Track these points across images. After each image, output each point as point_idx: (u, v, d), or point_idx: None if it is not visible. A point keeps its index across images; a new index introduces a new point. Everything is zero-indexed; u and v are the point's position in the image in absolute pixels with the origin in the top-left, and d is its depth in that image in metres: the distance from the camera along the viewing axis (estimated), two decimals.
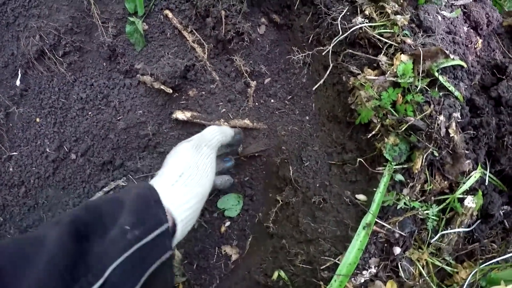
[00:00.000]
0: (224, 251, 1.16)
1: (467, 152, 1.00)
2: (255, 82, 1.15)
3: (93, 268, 0.52)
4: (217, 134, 0.89)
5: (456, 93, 1.02)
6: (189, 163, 0.77)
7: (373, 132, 0.99)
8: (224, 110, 1.14)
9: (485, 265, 0.98)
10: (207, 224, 1.16)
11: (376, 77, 0.99)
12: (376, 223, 0.94)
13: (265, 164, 1.16)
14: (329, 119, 1.12)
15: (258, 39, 1.15)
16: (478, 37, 1.19)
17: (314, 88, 1.11)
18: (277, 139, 1.14)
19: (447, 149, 0.97)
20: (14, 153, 1.23)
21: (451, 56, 1.03)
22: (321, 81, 1.07)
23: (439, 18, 1.13)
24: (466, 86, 1.07)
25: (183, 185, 0.72)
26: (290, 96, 1.17)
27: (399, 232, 0.95)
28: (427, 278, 0.97)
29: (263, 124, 1.16)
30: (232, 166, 1.09)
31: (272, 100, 1.17)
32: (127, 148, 1.18)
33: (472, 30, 1.20)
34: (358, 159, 0.99)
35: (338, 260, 0.95)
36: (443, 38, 1.09)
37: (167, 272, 0.62)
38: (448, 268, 1.00)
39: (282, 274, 1.04)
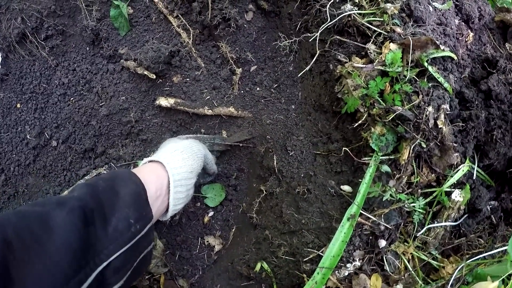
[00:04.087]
0: (207, 241, 1.13)
1: (455, 145, 0.97)
2: (240, 69, 1.13)
3: (101, 253, 0.60)
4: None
5: (446, 85, 1.00)
6: (184, 145, 0.93)
7: (360, 122, 0.96)
8: (208, 97, 1.12)
9: (472, 261, 0.96)
10: (190, 214, 1.13)
11: (364, 65, 0.97)
12: (361, 214, 0.92)
13: (250, 153, 1.14)
14: (315, 109, 1.10)
15: (245, 25, 1.12)
16: (469, 31, 1.17)
17: (300, 75, 1.09)
18: (262, 128, 1.12)
19: (435, 141, 0.94)
20: None
21: (442, 47, 1.01)
22: (307, 68, 1.05)
23: (430, 9, 1.10)
24: (455, 79, 1.05)
25: (180, 154, 0.88)
26: (276, 85, 1.14)
27: (385, 224, 0.92)
28: (412, 272, 0.95)
29: (248, 113, 1.13)
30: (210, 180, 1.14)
31: (257, 88, 1.14)
32: (109, 135, 1.15)
33: (463, 23, 1.17)
34: (344, 148, 0.96)
35: (322, 252, 0.92)
36: (434, 29, 1.07)
37: (148, 256, 0.76)
38: (434, 263, 0.97)
39: (265, 265, 1.02)
